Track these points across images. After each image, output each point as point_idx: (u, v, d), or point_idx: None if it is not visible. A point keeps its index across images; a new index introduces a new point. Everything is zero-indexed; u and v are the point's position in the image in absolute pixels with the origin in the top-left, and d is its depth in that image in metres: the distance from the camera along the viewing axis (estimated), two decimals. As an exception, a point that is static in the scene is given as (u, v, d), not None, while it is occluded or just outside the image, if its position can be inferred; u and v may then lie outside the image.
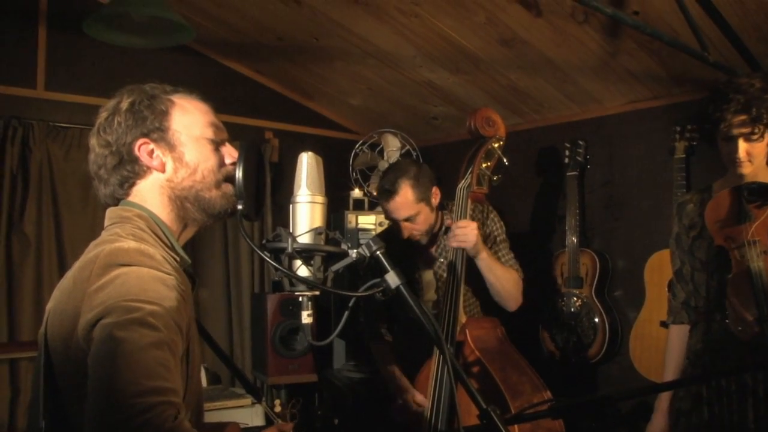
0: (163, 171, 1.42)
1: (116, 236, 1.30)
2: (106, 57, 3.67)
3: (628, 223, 3.54)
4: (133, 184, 1.41)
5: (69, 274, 1.31)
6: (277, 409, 3.50)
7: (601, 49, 3.02)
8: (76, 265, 1.30)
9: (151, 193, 1.41)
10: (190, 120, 1.45)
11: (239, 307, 4.20)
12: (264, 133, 4.43)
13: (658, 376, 2.86)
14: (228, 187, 1.45)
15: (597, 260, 3.50)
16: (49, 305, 1.33)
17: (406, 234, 2.68)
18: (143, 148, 1.40)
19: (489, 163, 2.59)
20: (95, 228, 3.36)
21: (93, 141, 1.43)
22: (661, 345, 2.93)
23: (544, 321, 3.67)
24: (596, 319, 3.45)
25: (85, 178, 3.60)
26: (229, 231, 4.21)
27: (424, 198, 2.66)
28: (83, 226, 3.63)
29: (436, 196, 2.72)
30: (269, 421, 2.32)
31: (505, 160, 2.59)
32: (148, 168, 1.41)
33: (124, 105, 1.40)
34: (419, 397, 2.65)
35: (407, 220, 2.66)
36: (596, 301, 3.47)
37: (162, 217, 1.41)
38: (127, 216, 1.37)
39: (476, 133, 2.60)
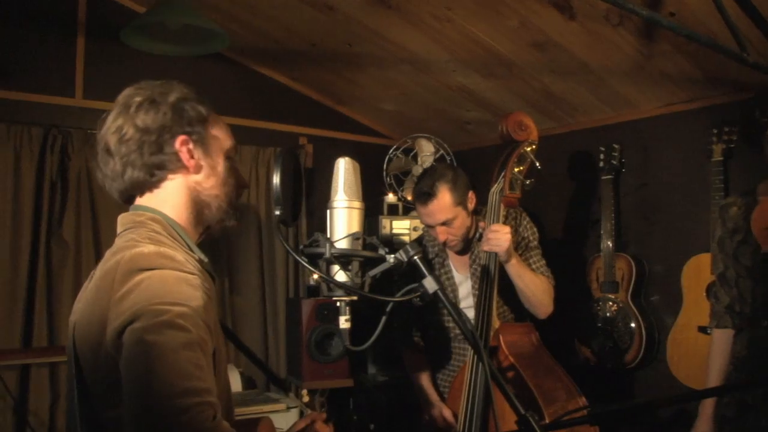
0: (196, 173, 1.42)
1: (133, 242, 1.30)
2: (143, 65, 3.54)
3: (664, 226, 3.47)
4: (162, 179, 1.40)
5: (90, 285, 1.32)
6: (306, 398, 3.50)
7: (636, 52, 2.95)
8: (96, 275, 1.30)
9: (174, 193, 1.41)
10: (222, 134, 1.47)
11: (274, 312, 4.20)
12: (298, 138, 4.44)
13: (697, 382, 2.90)
14: (234, 211, 1.48)
15: (633, 264, 3.44)
16: (73, 318, 1.33)
17: (442, 239, 2.66)
18: (184, 145, 1.40)
19: (522, 168, 2.57)
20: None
21: (122, 120, 1.38)
22: (699, 351, 2.93)
23: (578, 326, 3.61)
24: (632, 324, 3.38)
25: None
26: (263, 237, 4.20)
27: (461, 202, 2.65)
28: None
29: (471, 201, 2.71)
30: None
31: (537, 164, 2.57)
32: (182, 166, 1.41)
33: (172, 98, 1.40)
34: (447, 412, 2.64)
35: (444, 224, 2.64)
36: (632, 305, 3.41)
37: (177, 219, 1.41)
38: (140, 221, 1.37)
39: (508, 138, 2.59)
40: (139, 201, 1.42)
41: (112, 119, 1.39)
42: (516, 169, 2.55)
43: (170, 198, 1.40)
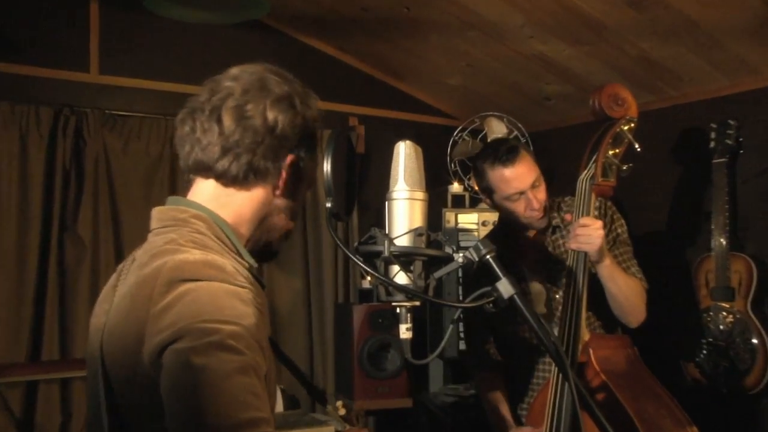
0: (284, 197, 1.43)
1: (175, 245, 1.30)
2: (169, 35, 3.78)
3: (793, 220, 3.34)
4: (251, 185, 1.40)
5: (123, 291, 1.32)
6: (341, 411, 3.41)
7: (763, 5, 2.84)
8: (131, 280, 1.31)
9: (247, 203, 1.42)
10: (315, 165, 1.49)
11: (321, 319, 4.25)
12: (348, 119, 4.45)
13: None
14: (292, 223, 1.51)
15: (753, 267, 3.29)
16: (98, 321, 1.34)
17: (536, 205, 2.63)
18: (292, 166, 1.41)
19: (617, 150, 2.54)
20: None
21: (252, 99, 1.37)
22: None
23: (683, 341, 3.49)
24: (754, 340, 3.22)
25: (148, 173, 3.79)
26: (308, 234, 4.25)
27: (536, 162, 2.68)
28: (146, 227, 3.58)
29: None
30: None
31: (636, 146, 2.52)
32: (276, 184, 1.42)
33: (309, 111, 1.42)
34: None
35: (533, 186, 2.62)
36: (753, 317, 3.25)
37: (234, 224, 1.41)
38: (182, 218, 1.36)
39: (602, 114, 2.54)
40: (191, 194, 1.42)
41: (241, 89, 1.38)
42: (610, 152, 2.52)
43: (238, 205, 1.41)
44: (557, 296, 2.67)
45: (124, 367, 1.24)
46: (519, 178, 2.62)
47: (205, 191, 1.41)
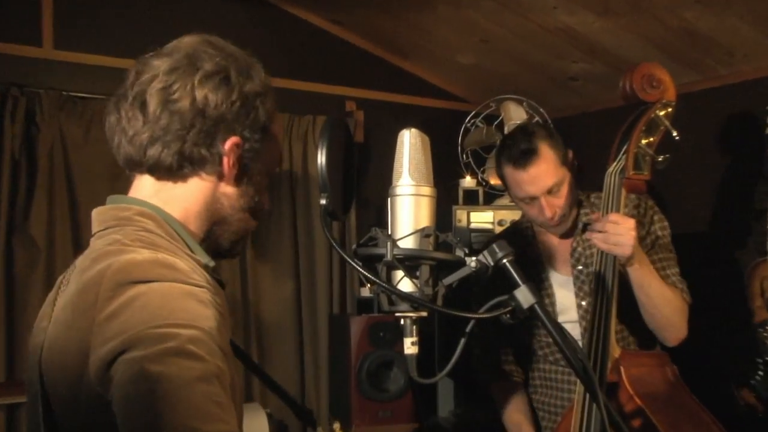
0: (227, 183, 1.44)
1: (120, 245, 1.30)
2: (137, 5, 3.71)
3: None
4: (188, 175, 1.41)
5: (62, 302, 1.32)
6: None
7: None
8: (71, 288, 1.31)
9: (191, 196, 1.43)
10: (274, 155, 1.51)
11: (313, 332, 4.22)
12: (344, 103, 4.43)
13: None
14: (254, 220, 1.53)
15: None
16: (37, 341, 1.34)
17: (549, 213, 2.62)
18: (234, 149, 1.41)
19: (651, 139, 2.52)
20: None
21: (178, 80, 1.37)
22: None
23: (736, 360, 3.35)
24: None
25: (113, 164, 3.69)
26: (299, 235, 4.22)
27: (565, 161, 2.64)
28: None
29: (573, 163, 2.71)
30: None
31: (675, 134, 2.49)
32: (219, 171, 1.42)
33: (250, 86, 1.41)
34: None
35: (551, 191, 2.60)
36: None
37: (185, 221, 1.42)
38: (125, 216, 1.37)
39: (634, 98, 2.52)
40: (132, 191, 1.44)
41: (167, 68, 1.37)
42: (644, 141, 2.50)
43: (182, 200, 1.42)
44: (584, 304, 2.68)
45: (67, 386, 1.22)
46: (533, 182, 2.61)
47: (145, 187, 1.42)
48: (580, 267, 2.71)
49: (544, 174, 2.59)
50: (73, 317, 1.24)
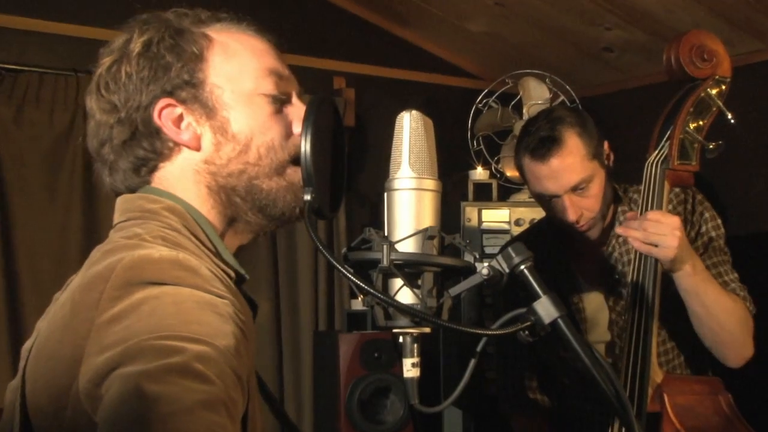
0: (198, 149, 1.43)
1: (138, 239, 1.31)
2: None
3: None
4: (153, 169, 1.44)
5: (63, 297, 1.33)
6: None
7: None
8: (74, 282, 1.31)
9: (182, 182, 1.44)
10: (237, 67, 1.47)
11: (294, 352, 4.23)
12: (332, 80, 4.43)
13: None
14: (298, 173, 1.48)
15: None
16: (26, 345, 1.36)
17: (573, 216, 2.57)
18: (167, 114, 1.40)
19: (701, 122, 2.48)
20: (70, 234, 3.53)
21: (92, 103, 1.44)
22: None
23: None
24: None
25: (53, 152, 3.70)
26: (279, 236, 4.22)
27: (596, 154, 2.58)
28: (49, 230, 3.58)
29: (609, 156, 2.69)
30: None
31: (729, 116, 2.45)
32: (176, 144, 1.42)
33: (136, 46, 1.42)
34: None
35: (576, 189, 2.54)
36: None
37: (203, 212, 1.44)
38: (152, 209, 1.39)
39: (680, 74, 2.45)
40: (154, 182, 1.47)
41: (88, 100, 1.46)
42: (692, 125, 2.46)
43: (181, 187, 1.44)
44: (621, 320, 2.64)
45: (50, 399, 1.21)
46: (554, 177, 2.58)
47: (157, 187, 1.46)
48: (617, 276, 2.66)
49: (568, 168, 2.55)
50: (71, 316, 1.23)
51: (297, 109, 1.49)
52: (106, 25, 3.26)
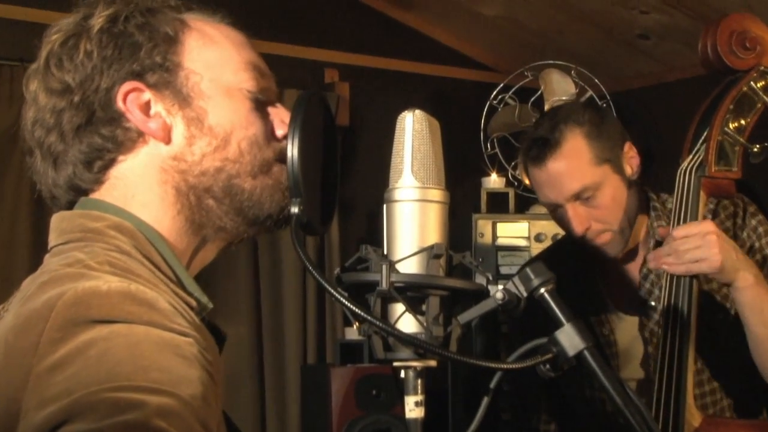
0: (166, 141, 1.43)
1: (81, 267, 1.27)
2: None
3: None
4: (110, 164, 1.42)
5: None
6: None
7: None
8: (6, 320, 1.28)
9: (144, 181, 1.44)
10: (217, 55, 1.48)
11: (279, 388, 4.30)
12: (323, 72, 4.52)
13: None
14: (283, 172, 1.49)
15: None
16: None
17: (579, 229, 2.56)
18: (132, 99, 1.40)
19: (743, 121, 2.47)
20: (17, 248, 3.60)
21: (34, 85, 1.43)
22: None
23: None
24: None
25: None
26: (261, 254, 4.29)
27: (609, 158, 2.57)
28: None
29: (631, 159, 2.64)
30: None
31: None
32: (140, 135, 1.41)
33: (98, 22, 1.41)
34: None
35: (579, 197, 2.54)
36: None
37: (160, 228, 1.43)
38: (95, 228, 1.38)
39: (719, 64, 2.45)
40: (96, 194, 1.46)
41: (28, 83, 1.46)
42: (732, 125, 2.45)
43: (140, 190, 1.44)
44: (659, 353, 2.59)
45: None
46: (551, 184, 2.60)
47: (106, 196, 1.45)
48: (653, 302, 2.63)
49: (567, 174, 2.55)
50: (4, 364, 1.20)
51: (280, 110, 1.51)
52: (60, 8, 3.32)
